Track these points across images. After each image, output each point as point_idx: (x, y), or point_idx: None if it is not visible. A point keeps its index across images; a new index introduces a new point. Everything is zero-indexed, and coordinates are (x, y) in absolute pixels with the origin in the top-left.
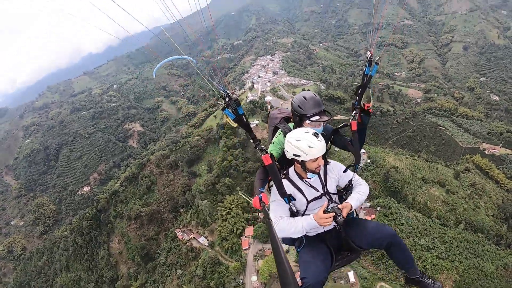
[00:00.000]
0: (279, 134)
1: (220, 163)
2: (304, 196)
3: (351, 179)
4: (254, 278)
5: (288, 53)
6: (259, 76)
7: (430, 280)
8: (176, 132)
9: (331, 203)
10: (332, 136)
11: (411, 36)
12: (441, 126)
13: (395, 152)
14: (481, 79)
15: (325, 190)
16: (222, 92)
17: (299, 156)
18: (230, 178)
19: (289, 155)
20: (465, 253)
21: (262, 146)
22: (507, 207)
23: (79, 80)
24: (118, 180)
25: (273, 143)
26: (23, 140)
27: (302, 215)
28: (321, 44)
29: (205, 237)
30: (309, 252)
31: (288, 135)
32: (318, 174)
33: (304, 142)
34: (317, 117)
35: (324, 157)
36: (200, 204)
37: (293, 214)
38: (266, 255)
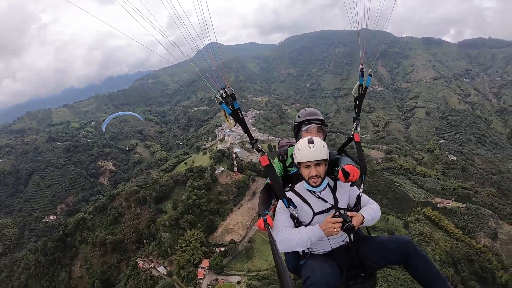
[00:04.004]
0: (276, 158)
1: (185, 201)
2: (311, 207)
3: (359, 195)
4: None
5: (261, 111)
6: (230, 130)
7: None
8: (147, 174)
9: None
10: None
11: (378, 102)
12: (396, 183)
13: None
14: (441, 141)
15: (335, 204)
16: (220, 88)
17: (295, 157)
18: (192, 215)
19: None
20: None
21: (260, 146)
22: (454, 253)
23: (59, 111)
24: (85, 213)
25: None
26: None
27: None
28: (293, 105)
29: (165, 267)
30: (315, 259)
31: None
32: (330, 188)
33: (297, 145)
34: (310, 123)
35: (333, 173)
36: (162, 236)
37: (296, 225)
38: (218, 284)
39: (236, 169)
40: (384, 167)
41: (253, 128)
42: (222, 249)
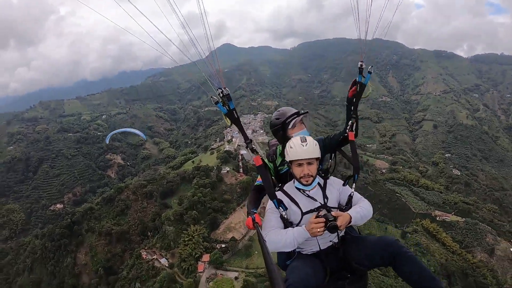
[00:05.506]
0: (266, 159)
1: (190, 197)
2: (299, 207)
3: (351, 194)
4: None
5: (270, 115)
6: (238, 132)
7: None
8: (155, 170)
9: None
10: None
11: (386, 112)
12: (398, 193)
13: None
14: (446, 155)
15: (324, 203)
16: (217, 88)
17: (287, 155)
18: (197, 211)
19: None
20: None
21: (254, 146)
22: (449, 265)
23: (71, 103)
24: (93, 203)
25: None
26: (6, 146)
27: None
28: (302, 111)
29: (167, 259)
30: (299, 260)
31: None
32: (320, 187)
33: (289, 143)
34: (295, 117)
35: (325, 173)
36: (166, 230)
37: (286, 225)
38: (217, 278)
39: (241, 170)
40: (388, 178)
41: (261, 131)
42: (223, 245)
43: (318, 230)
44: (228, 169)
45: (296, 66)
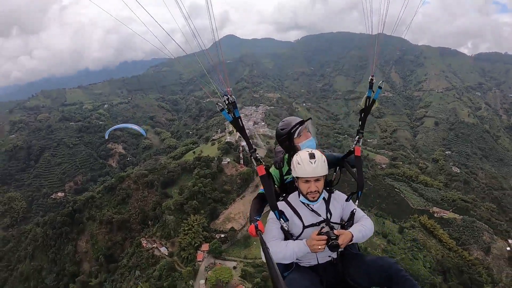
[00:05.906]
0: (273, 166)
1: (190, 187)
2: (301, 220)
3: (353, 210)
4: (202, 281)
5: (272, 107)
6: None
7: None
8: (156, 160)
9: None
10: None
11: (388, 108)
12: (397, 189)
13: None
14: (446, 152)
15: (326, 218)
16: (222, 94)
17: (293, 169)
18: (197, 201)
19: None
20: None
21: (258, 154)
22: (445, 261)
23: (73, 92)
24: (94, 192)
25: None
26: (8, 134)
27: (295, 240)
28: (304, 104)
29: (166, 248)
30: (297, 273)
31: None
32: (324, 200)
33: (297, 157)
34: (300, 125)
35: (329, 185)
36: (167, 219)
37: (287, 236)
38: (215, 267)
39: (242, 161)
40: (387, 173)
41: (263, 123)
42: (222, 235)
43: (319, 247)
44: (229, 160)
45: (299, 59)
